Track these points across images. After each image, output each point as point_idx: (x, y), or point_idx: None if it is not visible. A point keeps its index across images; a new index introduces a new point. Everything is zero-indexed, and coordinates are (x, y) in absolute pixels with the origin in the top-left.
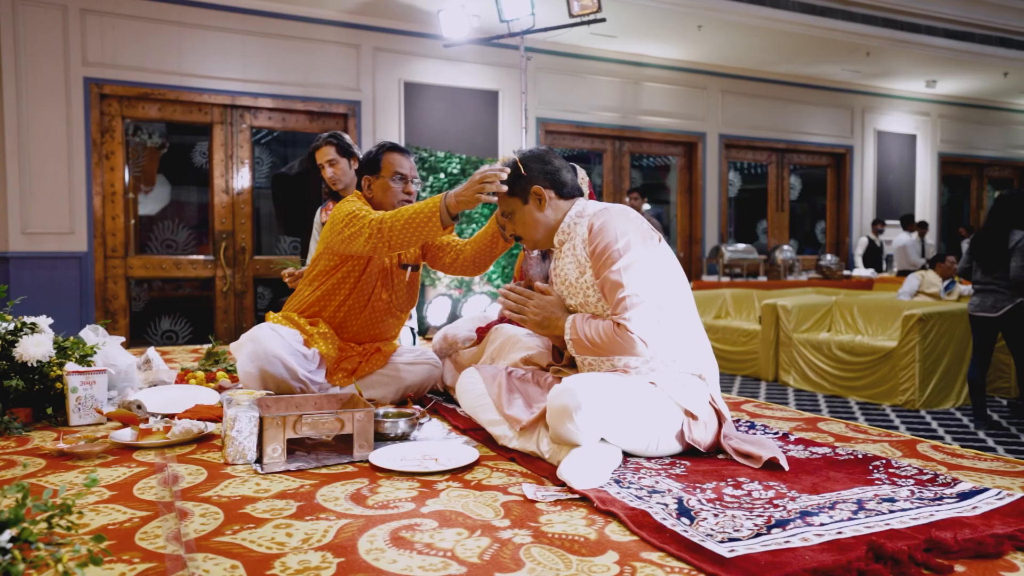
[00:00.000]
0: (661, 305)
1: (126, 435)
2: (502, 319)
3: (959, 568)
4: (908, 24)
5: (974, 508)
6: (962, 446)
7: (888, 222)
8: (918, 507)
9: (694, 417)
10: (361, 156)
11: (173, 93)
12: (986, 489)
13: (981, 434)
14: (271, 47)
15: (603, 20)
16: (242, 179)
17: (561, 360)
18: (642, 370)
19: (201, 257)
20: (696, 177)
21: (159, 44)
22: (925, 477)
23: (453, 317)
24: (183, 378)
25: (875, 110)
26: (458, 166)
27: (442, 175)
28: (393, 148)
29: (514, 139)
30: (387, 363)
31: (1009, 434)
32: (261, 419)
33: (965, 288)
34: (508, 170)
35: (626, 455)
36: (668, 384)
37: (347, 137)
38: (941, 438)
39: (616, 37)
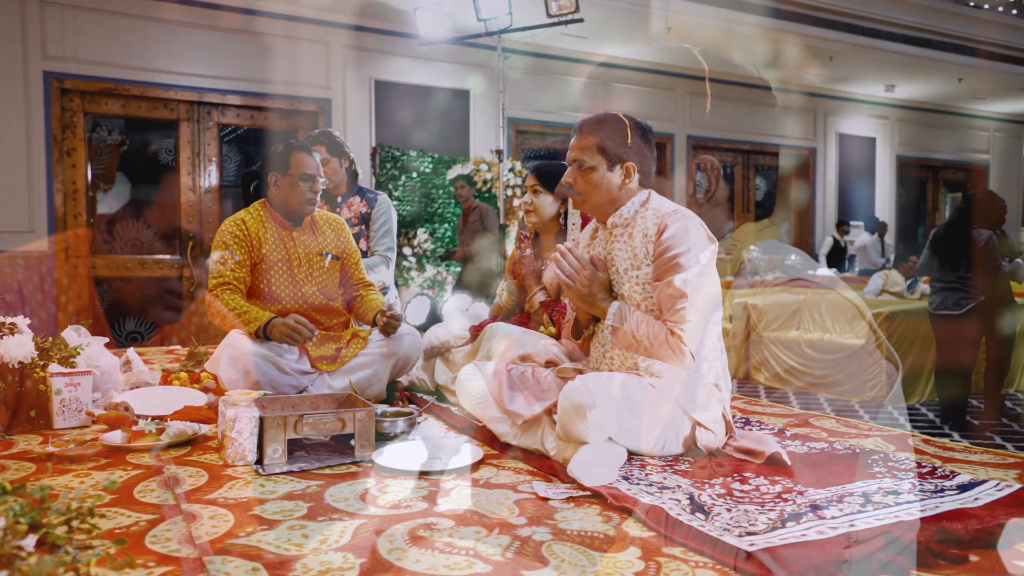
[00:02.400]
0: (708, 320)
1: (116, 437)
2: (495, 317)
3: (972, 558)
4: (869, 30)
5: (976, 500)
6: (951, 441)
7: (852, 223)
8: (923, 499)
9: (707, 429)
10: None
11: (138, 89)
12: (984, 481)
13: (946, 428)
14: (240, 43)
15: (581, 20)
16: (210, 177)
17: (578, 339)
18: (665, 376)
19: (167, 257)
20: (664, 177)
21: (123, 38)
22: (924, 470)
23: (434, 317)
24: (167, 379)
25: (837, 113)
26: (430, 165)
27: (414, 174)
28: (301, 147)
29: (486, 138)
30: (367, 343)
31: (975, 429)
32: (261, 419)
33: (927, 287)
34: (316, 335)
35: (629, 453)
36: (684, 394)
37: (338, 135)
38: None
39: (587, 38)
